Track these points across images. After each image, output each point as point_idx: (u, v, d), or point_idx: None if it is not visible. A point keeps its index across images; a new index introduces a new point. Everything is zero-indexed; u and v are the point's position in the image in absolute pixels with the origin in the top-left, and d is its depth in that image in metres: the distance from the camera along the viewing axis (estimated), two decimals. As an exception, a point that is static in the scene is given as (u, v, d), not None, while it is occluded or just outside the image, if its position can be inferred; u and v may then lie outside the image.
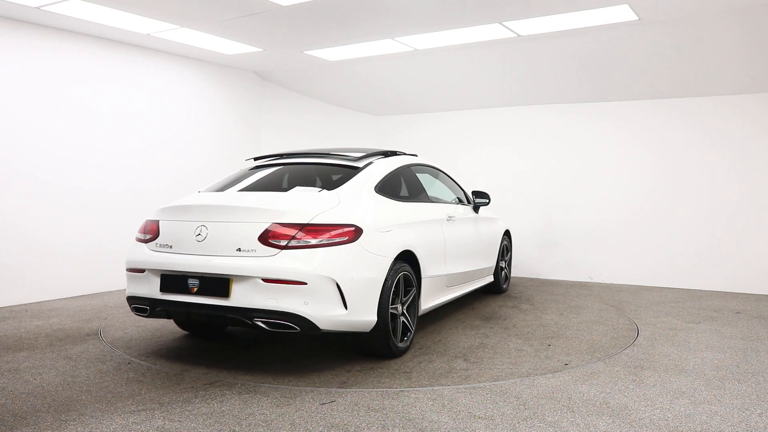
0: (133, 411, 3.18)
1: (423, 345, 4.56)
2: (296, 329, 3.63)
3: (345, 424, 3.02)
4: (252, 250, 3.70)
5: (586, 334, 4.80)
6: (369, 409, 3.23)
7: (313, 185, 4.36)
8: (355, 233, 3.82)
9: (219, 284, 3.71)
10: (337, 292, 3.67)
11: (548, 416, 3.13)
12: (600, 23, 5.81)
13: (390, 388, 3.57)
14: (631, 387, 3.60)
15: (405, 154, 5.34)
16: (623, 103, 7.68)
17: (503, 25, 5.95)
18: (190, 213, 4.02)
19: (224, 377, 3.77)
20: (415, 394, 3.47)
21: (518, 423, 3.04)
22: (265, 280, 3.60)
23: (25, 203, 6.14)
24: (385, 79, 8.21)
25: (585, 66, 6.98)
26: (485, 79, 7.81)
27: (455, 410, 3.21)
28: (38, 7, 5.60)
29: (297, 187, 4.32)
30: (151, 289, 3.98)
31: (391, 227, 4.18)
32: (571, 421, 3.06)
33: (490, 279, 6.47)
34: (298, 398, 3.39)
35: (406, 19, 5.83)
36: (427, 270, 4.59)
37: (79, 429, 2.95)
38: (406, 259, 4.33)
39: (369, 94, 8.91)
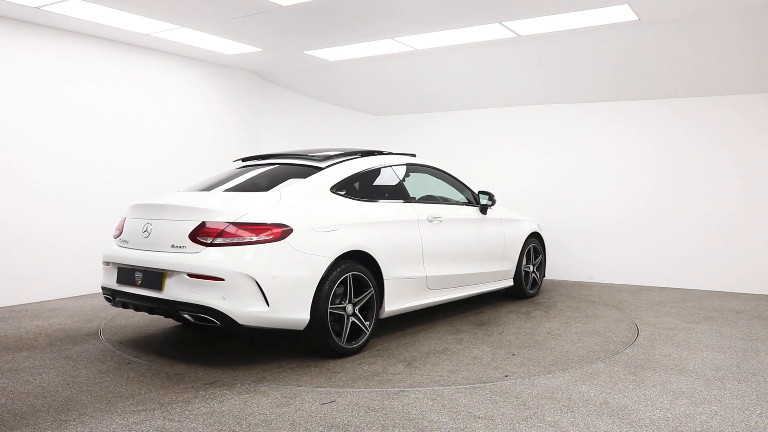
0: (133, 411, 3.18)
1: (383, 347, 4.52)
2: (216, 323, 3.79)
3: (345, 424, 3.02)
4: (183, 247, 3.91)
5: (569, 346, 4.54)
6: (369, 409, 3.23)
7: (276, 185, 4.43)
8: (283, 232, 3.89)
9: (155, 277, 3.98)
10: (256, 288, 3.76)
11: (548, 416, 3.13)
12: (600, 23, 5.81)
13: (303, 386, 3.59)
14: (631, 387, 3.60)
15: (394, 154, 5.35)
16: (623, 103, 7.68)
17: (503, 25, 5.95)
18: (142, 211, 4.32)
19: (224, 377, 3.77)
20: (415, 394, 3.47)
21: (518, 423, 3.05)
22: (190, 275, 3.80)
23: (25, 203, 6.14)
24: (385, 79, 8.21)
25: (584, 66, 6.98)
26: (485, 79, 7.80)
27: (455, 410, 3.21)
28: (38, 7, 5.60)
29: (278, 185, 4.44)
30: (112, 280, 4.33)
31: (336, 227, 4.20)
32: (571, 421, 3.06)
33: (509, 283, 6.19)
34: (298, 398, 3.39)
35: (406, 19, 5.83)
36: (391, 271, 4.56)
37: (79, 429, 2.95)
38: (361, 260, 4.35)
39: (369, 94, 8.92)
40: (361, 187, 4.75)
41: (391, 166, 5.11)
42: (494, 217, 5.99)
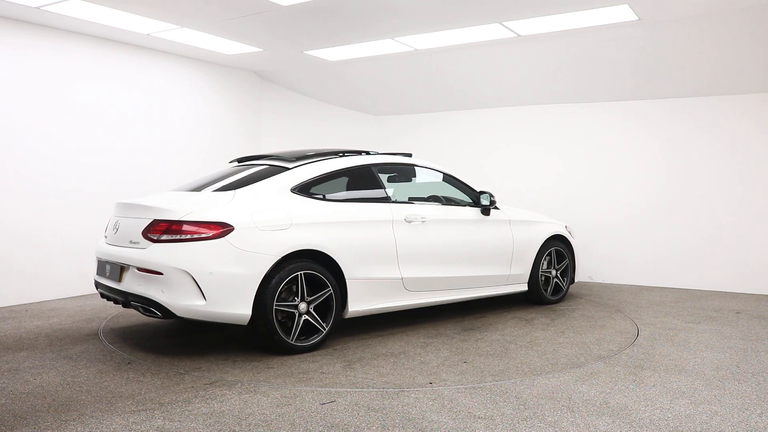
0: (133, 411, 3.18)
1: (343, 346, 4.51)
2: (158, 314, 4.07)
3: (345, 424, 3.02)
4: (137, 243, 4.21)
5: (535, 357, 4.23)
6: (369, 409, 3.23)
7: (245, 185, 4.56)
8: (223, 231, 4.05)
9: (117, 270, 4.34)
10: (193, 283, 3.96)
11: (548, 416, 3.13)
12: (600, 23, 5.81)
13: (220, 378, 3.58)
14: (631, 387, 3.60)
15: (387, 154, 5.36)
16: (625, 103, 7.67)
17: (503, 25, 5.95)
18: (117, 209, 4.69)
19: (224, 377, 3.77)
20: (415, 394, 3.47)
21: (518, 423, 3.05)
22: (138, 269, 4.12)
23: (25, 204, 6.14)
24: (385, 79, 8.21)
25: (586, 66, 6.98)
26: (485, 79, 7.81)
27: (455, 410, 3.22)
28: (38, 7, 5.60)
29: (244, 185, 4.58)
30: (95, 272, 4.76)
31: (286, 226, 4.28)
32: (571, 421, 3.06)
33: (522, 288, 5.93)
34: (298, 398, 3.39)
35: (406, 19, 5.83)
36: (355, 271, 4.57)
37: (79, 429, 2.95)
38: (319, 259, 4.41)
39: (369, 94, 8.92)
40: (328, 187, 4.79)
41: (371, 166, 5.09)
42: (500, 219, 5.77)
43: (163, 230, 4.06)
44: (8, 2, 5.44)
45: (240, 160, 5.44)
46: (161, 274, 3.97)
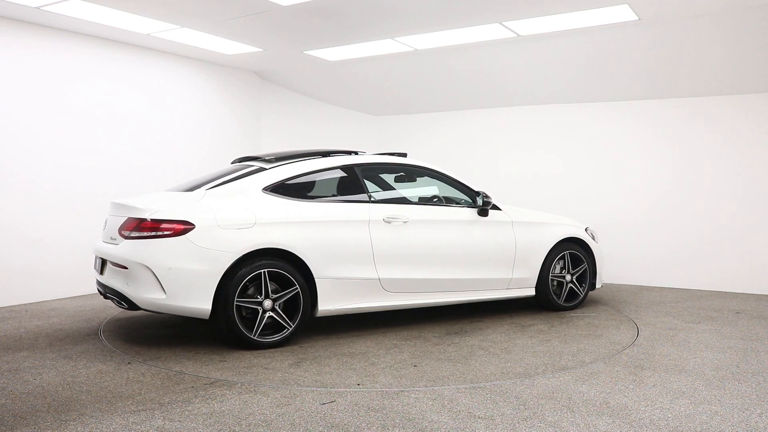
0: (133, 411, 3.18)
1: (309, 345, 4.53)
2: (125, 306, 4.40)
3: (345, 424, 3.02)
4: (115, 239, 4.52)
5: (492, 365, 4.03)
6: (369, 409, 3.23)
7: (222, 184, 4.73)
8: (184, 229, 4.25)
9: (101, 264, 4.66)
10: (153, 278, 4.19)
11: (548, 416, 3.13)
12: (600, 23, 5.81)
13: (170, 370, 3.57)
14: (631, 387, 3.60)
15: (381, 154, 5.37)
16: (624, 103, 7.67)
17: (503, 25, 5.95)
18: (109, 208, 4.92)
19: (224, 377, 3.77)
20: (415, 394, 3.47)
21: (518, 423, 3.05)
22: (112, 264, 4.44)
23: (26, 204, 6.14)
24: (385, 79, 8.21)
25: (583, 66, 6.98)
26: (486, 79, 7.81)
27: (455, 410, 3.22)
28: (38, 7, 5.60)
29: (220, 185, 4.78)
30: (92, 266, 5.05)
31: (250, 225, 4.40)
32: (571, 421, 3.06)
33: (528, 292, 5.64)
34: (298, 398, 3.39)
35: (406, 19, 5.83)
36: (324, 271, 4.60)
37: (79, 429, 2.95)
38: (287, 257, 4.49)
39: (369, 94, 8.92)
40: (305, 187, 4.86)
41: (353, 166, 5.08)
42: (501, 220, 5.52)
43: (133, 227, 4.33)
44: (8, 2, 5.44)
45: (241, 160, 5.48)
46: (126, 268, 4.26)
